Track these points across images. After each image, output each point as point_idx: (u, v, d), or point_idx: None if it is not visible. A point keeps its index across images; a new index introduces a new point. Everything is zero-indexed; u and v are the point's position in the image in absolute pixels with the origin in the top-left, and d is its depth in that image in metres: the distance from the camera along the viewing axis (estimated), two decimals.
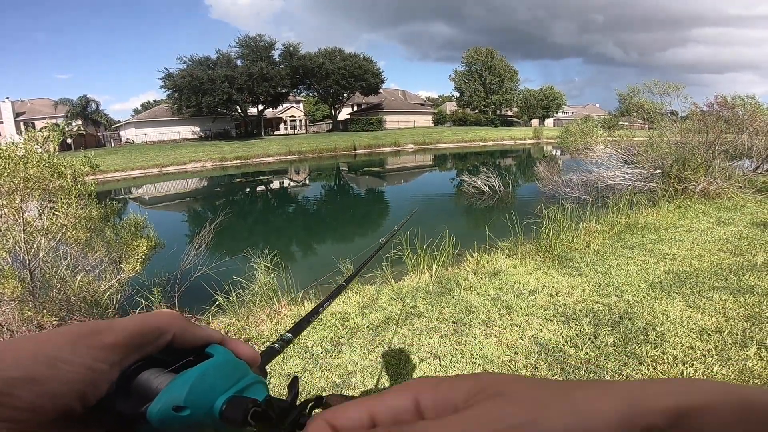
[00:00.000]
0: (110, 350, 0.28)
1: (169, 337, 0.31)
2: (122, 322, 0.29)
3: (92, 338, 0.27)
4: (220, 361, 0.31)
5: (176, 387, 0.28)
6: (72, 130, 34.07)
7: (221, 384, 0.29)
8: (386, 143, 35.47)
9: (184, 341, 0.32)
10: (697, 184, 7.52)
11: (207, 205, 14.93)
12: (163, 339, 0.31)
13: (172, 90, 35.47)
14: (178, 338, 0.32)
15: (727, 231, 5.20)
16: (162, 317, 0.32)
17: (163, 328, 0.31)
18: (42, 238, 3.24)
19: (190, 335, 0.32)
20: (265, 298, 3.79)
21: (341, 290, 0.60)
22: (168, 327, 0.31)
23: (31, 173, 3.26)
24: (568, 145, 14.06)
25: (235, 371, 0.31)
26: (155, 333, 0.30)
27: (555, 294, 3.59)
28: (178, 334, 0.32)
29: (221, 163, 27.25)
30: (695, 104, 9.54)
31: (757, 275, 3.64)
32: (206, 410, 0.28)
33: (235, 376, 0.30)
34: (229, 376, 0.30)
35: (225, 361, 0.31)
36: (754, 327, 2.75)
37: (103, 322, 0.29)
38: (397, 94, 57.19)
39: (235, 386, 0.30)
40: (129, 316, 0.31)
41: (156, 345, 0.31)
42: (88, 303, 3.37)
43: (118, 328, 0.29)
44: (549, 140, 36.13)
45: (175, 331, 0.32)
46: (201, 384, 0.28)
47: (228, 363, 0.31)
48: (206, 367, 0.29)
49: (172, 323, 0.32)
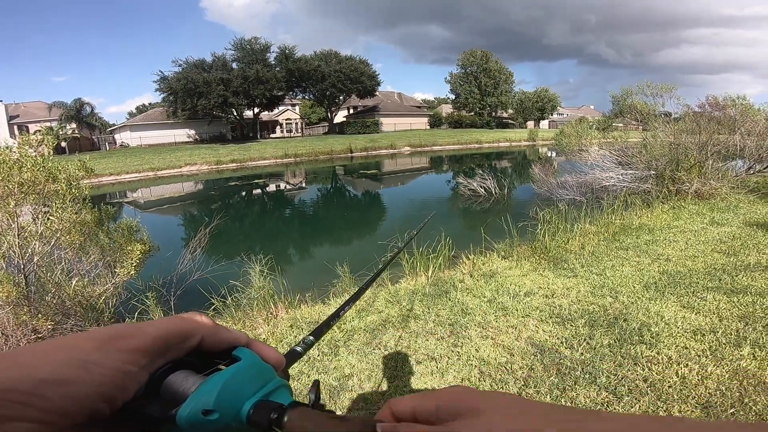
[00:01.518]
0: (139, 353, 0.28)
1: (197, 341, 0.32)
2: (150, 325, 0.30)
3: (121, 341, 0.28)
4: (248, 364, 0.31)
5: (205, 391, 0.28)
6: (66, 133, 33.86)
7: (249, 388, 0.29)
8: (382, 146, 35.50)
9: (212, 344, 0.32)
10: (690, 184, 7.58)
11: (203, 208, 14.87)
12: (191, 342, 0.31)
13: (167, 93, 35.37)
14: (206, 341, 0.32)
15: (720, 231, 5.24)
16: (190, 321, 0.32)
17: (191, 331, 0.31)
18: (36, 242, 3.22)
19: (218, 338, 0.33)
20: (261, 302, 3.79)
21: (361, 294, 0.61)
22: (196, 330, 0.32)
23: (25, 177, 3.25)
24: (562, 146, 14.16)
25: (261, 375, 0.31)
26: (183, 336, 0.31)
27: (550, 295, 3.61)
28: (206, 337, 0.32)
29: (217, 166, 27.18)
30: (688, 105, 9.64)
31: (751, 275, 3.67)
32: (234, 414, 0.28)
33: (262, 380, 0.31)
34: (256, 380, 0.30)
35: (252, 364, 0.31)
36: (747, 327, 2.78)
37: (132, 326, 0.29)
38: (393, 96, 57.31)
39: (261, 390, 0.30)
40: (157, 319, 0.31)
41: (184, 348, 0.31)
42: (83, 307, 3.35)
43: (146, 332, 0.29)
44: (544, 142, 36.33)
45: (203, 334, 0.32)
46: (229, 388, 0.28)
47: (255, 366, 0.31)
48: (234, 370, 0.30)
49: (199, 326, 0.32)
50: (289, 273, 4.67)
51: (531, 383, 2.38)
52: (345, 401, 2.31)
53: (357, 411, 2.27)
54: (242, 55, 37.65)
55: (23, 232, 3.20)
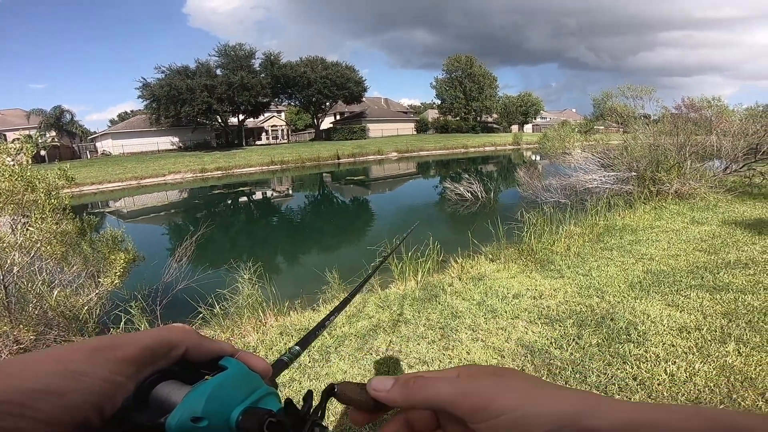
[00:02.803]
0: (126, 363, 0.28)
1: (182, 351, 0.32)
2: (137, 336, 0.30)
3: (109, 352, 0.28)
4: (235, 373, 0.31)
5: (194, 399, 0.28)
6: (46, 141, 33.10)
7: (236, 395, 0.30)
8: (370, 152, 35.54)
9: (198, 354, 0.33)
10: (670, 185, 7.76)
11: (187, 217, 14.67)
12: (177, 352, 0.32)
13: (150, 100, 34.90)
14: (192, 351, 0.33)
15: (701, 230, 5.37)
16: (175, 331, 0.32)
17: (176, 341, 0.32)
18: (16, 253, 3.13)
19: (203, 348, 0.33)
20: (250, 310, 3.74)
21: (347, 303, 0.61)
22: (181, 341, 0.32)
23: (2, 187, 3.16)
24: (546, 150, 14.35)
25: (249, 383, 0.31)
26: (169, 346, 0.31)
27: (538, 297, 3.64)
28: (191, 348, 0.33)
29: (201, 174, 26.84)
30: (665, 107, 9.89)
31: (731, 272, 3.76)
32: (223, 421, 0.28)
33: (250, 388, 0.31)
34: (243, 387, 0.31)
35: (239, 373, 0.31)
36: (731, 323, 2.84)
37: (119, 336, 0.30)
38: (380, 102, 57.51)
39: (249, 397, 0.30)
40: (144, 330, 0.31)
41: (170, 358, 0.32)
42: (66, 318, 3.26)
43: (132, 342, 0.29)
44: (528, 146, 36.83)
45: (188, 345, 0.33)
46: (217, 395, 0.29)
47: (242, 375, 0.31)
48: (222, 378, 0.30)
49: (185, 337, 0.33)
50: (277, 281, 4.62)
51: None
52: (338, 407, 2.29)
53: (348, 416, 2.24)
54: (227, 62, 37.38)
55: (1, 243, 3.11)
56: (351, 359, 2.84)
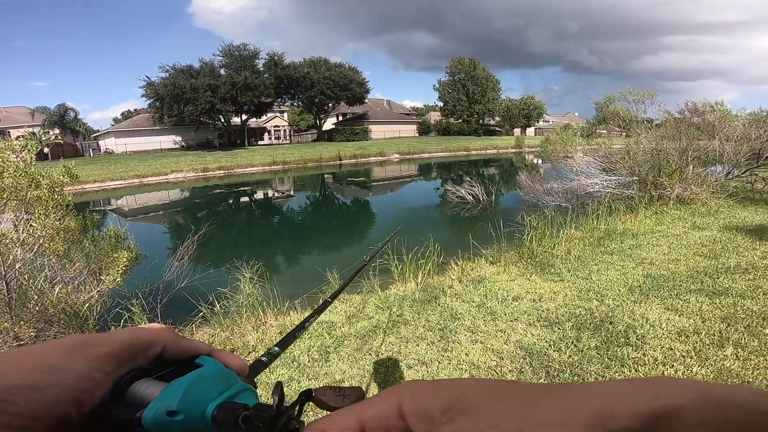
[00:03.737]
0: (104, 360, 0.29)
1: (159, 349, 0.33)
2: (114, 334, 0.31)
3: (87, 349, 0.29)
4: (210, 370, 0.32)
5: (169, 394, 0.29)
6: (49, 139, 33.22)
7: (212, 390, 0.31)
8: (371, 153, 35.60)
9: (174, 353, 0.34)
10: (672, 190, 7.76)
11: (189, 216, 14.70)
12: (153, 350, 0.33)
13: (153, 99, 35.01)
14: (168, 350, 0.33)
15: (701, 235, 5.37)
16: (152, 330, 0.33)
17: (152, 340, 0.33)
18: (18, 249, 3.15)
19: (179, 347, 0.34)
20: (250, 309, 3.75)
21: (327, 306, 0.62)
22: (157, 339, 0.33)
23: (6, 183, 3.18)
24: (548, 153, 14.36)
25: (225, 379, 0.32)
26: (146, 345, 0.32)
27: (538, 299, 3.65)
28: (167, 346, 0.33)
29: (204, 173, 26.90)
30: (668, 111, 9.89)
31: (731, 277, 3.76)
32: (199, 415, 0.29)
33: (225, 384, 0.32)
34: (219, 383, 0.31)
35: (215, 370, 0.32)
36: (729, 328, 2.85)
37: (98, 335, 0.31)
38: (382, 104, 57.60)
39: (225, 393, 0.31)
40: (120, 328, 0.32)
41: (147, 356, 0.32)
42: (67, 314, 3.28)
43: (110, 340, 0.30)
44: (530, 149, 36.83)
45: (164, 343, 0.33)
46: (193, 390, 0.29)
47: (218, 372, 0.32)
48: (197, 375, 0.31)
49: (161, 336, 0.33)
50: (277, 280, 4.64)
51: None
52: None
53: None
54: (230, 62, 37.48)
55: (4, 239, 3.13)
56: (350, 359, 2.85)
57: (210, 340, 3.22)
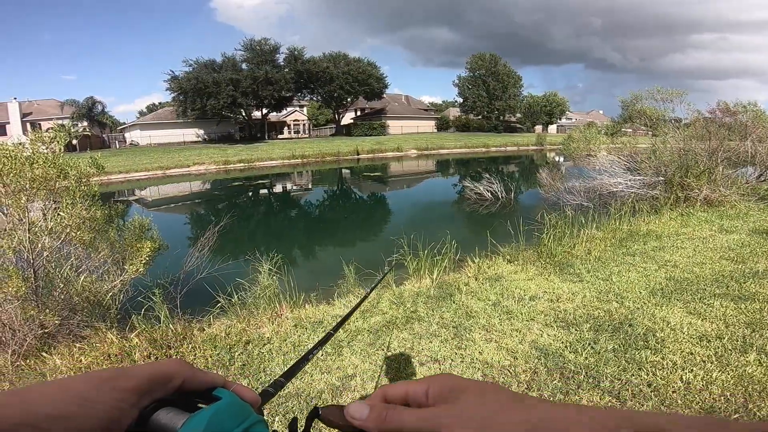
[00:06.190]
0: (130, 393, 0.32)
1: (179, 382, 0.36)
2: (137, 369, 0.34)
3: (113, 382, 0.32)
4: (228, 402, 0.34)
5: (194, 424, 0.31)
6: (78, 131, 34.25)
7: (231, 423, 0.32)
8: (389, 148, 35.55)
9: (193, 385, 0.37)
10: (699, 191, 7.51)
11: (209, 208, 14.99)
12: (174, 383, 0.36)
13: (177, 92, 35.68)
14: (187, 383, 0.37)
15: (729, 239, 5.19)
16: (170, 365, 0.36)
17: (172, 374, 0.36)
18: (46, 237, 3.27)
19: (197, 380, 0.37)
20: (266, 301, 3.81)
21: (329, 338, 0.67)
22: (177, 373, 0.36)
23: (36, 173, 3.30)
24: (570, 151, 14.08)
25: (242, 411, 0.34)
26: (166, 378, 0.35)
27: (555, 300, 3.59)
28: (186, 380, 0.36)
29: (225, 166, 27.37)
30: (698, 111, 9.56)
31: (759, 282, 3.63)
32: None
33: (242, 416, 0.33)
34: (237, 415, 0.33)
35: (232, 402, 0.34)
36: (754, 333, 2.75)
37: (121, 369, 0.34)
38: (400, 99, 57.36)
39: (241, 425, 0.32)
40: (142, 363, 0.35)
41: (168, 389, 0.35)
42: (90, 303, 3.40)
43: (134, 375, 0.33)
44: (552, 147, 36.14)
45: (183, 378, 0.36)
46: (214, 422, 0.31)
47: (235, 404, 0.34)
48: (217, 407, 0.33)
49: (180, 370, 0.36)
50: (294, 273, 4.69)
51: (534, 386, 2.38)
52: (347, 401, 2.32)
53: None
54: (252, 56, 37.89)
55: (33, 227, 3.26)
56: (363, 354, 2.87)
57: (226, 330, 3.28)
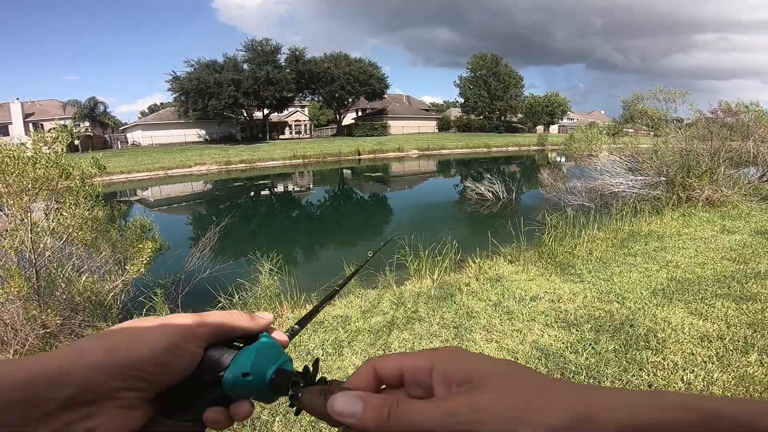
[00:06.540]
0: (205, 340, 0.37)
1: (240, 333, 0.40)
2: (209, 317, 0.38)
3: (196, 330, 0.36)
4: (269, 342, 0.39)
5: (244, 358, 0.36)
6: (80, 131, 34.33)
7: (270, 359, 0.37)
8: (390, 149, 35.55)
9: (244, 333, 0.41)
10: (701, 192, 7.50)
11: (211, 208, 15.01)
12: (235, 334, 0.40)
13: (179, 93, 35.74)
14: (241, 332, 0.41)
15: (731, 239, 5.17)
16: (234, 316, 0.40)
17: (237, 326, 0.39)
18: (48, 237, 3.28)
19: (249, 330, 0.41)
20: (267, 301, 3.82)
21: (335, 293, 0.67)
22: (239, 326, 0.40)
23: (38, 174, 3.31)
24: (572, 152, 14.05)
25: (277, 351, 0.39)
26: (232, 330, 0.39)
27: (556, 300, 3.59)
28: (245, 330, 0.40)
29: (226, 166, 27.39)
30: (700, 111, 9.53)
31: (761, 283, 3.62)
32: (261, 378, 0.36)
33: (277, 354, 0.39)
34: (274, 354, 0.38)
35: (271, 342, 0.39)
36: (755, 334, 2.74)
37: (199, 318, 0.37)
38: (401, 99, 57.33)
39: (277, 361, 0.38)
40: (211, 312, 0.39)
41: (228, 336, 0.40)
42: (92, 303, 3.40)
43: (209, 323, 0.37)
44: (553, 147, 36.10)
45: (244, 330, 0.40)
46: (259, 357, 0.36)
47: (273, 344, 0.39)
48: (261, 345, 0.38)
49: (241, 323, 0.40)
50: (295, 273, 4.70)
51: None
52: None
53: None
54: (253, 57, 37.92)
55: (36, 227, 3.26)
56: (363, 354, 2.87)
57: None
